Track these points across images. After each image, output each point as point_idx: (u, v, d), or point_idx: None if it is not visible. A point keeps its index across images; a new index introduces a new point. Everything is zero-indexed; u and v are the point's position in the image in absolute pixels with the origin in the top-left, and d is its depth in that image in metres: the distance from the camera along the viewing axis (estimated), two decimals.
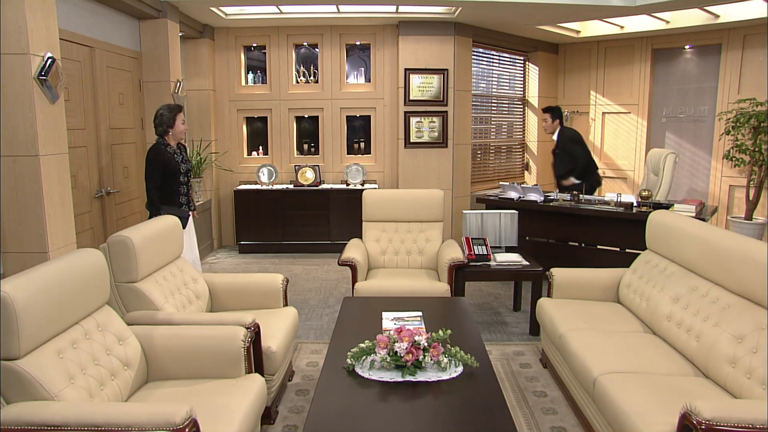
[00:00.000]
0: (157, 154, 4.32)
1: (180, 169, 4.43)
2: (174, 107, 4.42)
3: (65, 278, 2.30)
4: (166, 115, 4.36)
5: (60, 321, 2.25)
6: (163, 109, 4.39)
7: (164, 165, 4.30)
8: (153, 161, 4.31)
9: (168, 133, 4.38)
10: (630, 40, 7.95)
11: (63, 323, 2.28)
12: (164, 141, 4.38)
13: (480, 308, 5.08)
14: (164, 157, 4.31)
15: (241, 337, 2.66)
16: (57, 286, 2.24)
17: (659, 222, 3.63)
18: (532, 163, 8.73)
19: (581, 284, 3.86)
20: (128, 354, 2.54)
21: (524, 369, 3.82)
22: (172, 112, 4.38)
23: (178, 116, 4.39)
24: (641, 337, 3.15)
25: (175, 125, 4.38)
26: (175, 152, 4.44)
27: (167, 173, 4.33)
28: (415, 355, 2.52)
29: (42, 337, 2.15)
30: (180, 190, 4.49)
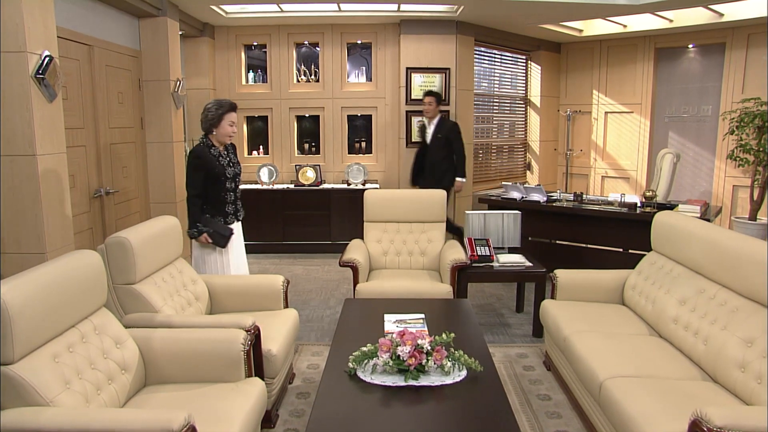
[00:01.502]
0: (198, 156, 3.77)
1: (226, 173, 3.87)
2: (225, 104, 3.84)
3: (61, 281, 2.25)
4: (212, 111, 3.82)
5: (56, 324, 2.21)
6: (212, 104, 3.85)
7: (207, 169, 3.77)
8: (194, 165, 3.77)
9: (212, 132, 3.84)
10: (633, 39, 7.90)
11: (59, 327, 2.23)
12: (208, 141, 3.85)
13: (482, 309, 5.04)
14: (206, 160, 3.77)
15: (241, 340, 2.61)
16: (53, 289, 2.19)
17: (665, 223, 3.58)
18: (534, 163, 8.68)
19: (585, 286, 3.81)
20: (126, 358, 2.49)
21: (528, 371, 3.77)
22: (220, 109, 3.81)
23: (226, 116, 3.81)
24: (647, 340, 3.10)
25: (220, 125, 3.81)
26: (221, 154, 3.89)
27: (211, 178, 3.79)
28: (418, 359, 2.47)
29: (37, 341, 2.10)
30: (226, 198, 3.93)
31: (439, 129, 6.12)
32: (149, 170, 5.75)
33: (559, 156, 8.88)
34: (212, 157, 3.81)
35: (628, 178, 8.30)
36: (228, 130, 3.85)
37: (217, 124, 3.81)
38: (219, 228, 3.86)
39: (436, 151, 6.14)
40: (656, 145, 8.01)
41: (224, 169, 3.86)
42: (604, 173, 8.54)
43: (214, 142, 3.86)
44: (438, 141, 6.11)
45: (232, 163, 3.97)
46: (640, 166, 8.16)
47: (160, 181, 5.77)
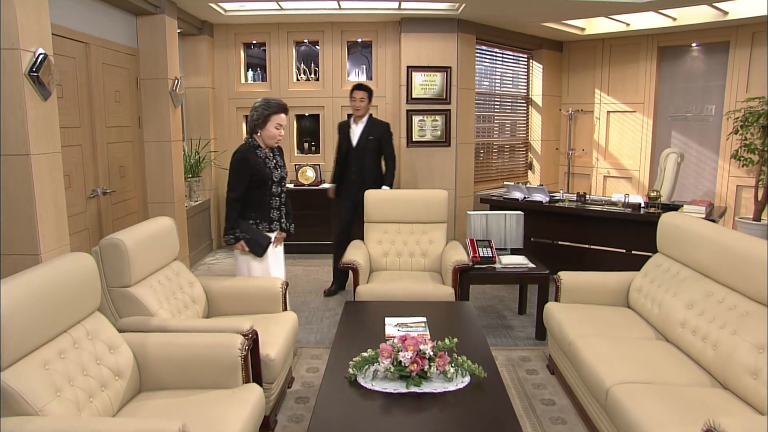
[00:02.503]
0: (242, 158, 3.51)
1: (272, 177, 3.62)
2: (273, 104, 3.55)
3: (53, 284, 2.19)
4: (258, 111, 3.54)
5: (47, 330, 2.14)
6: (260, 103, 3.58)
7: (252, 172, 3.53)
8: (236, 166, 3.53)
9: (257, 133, 3.59)
10: (636, 38, 7.82)
11: (50, 332, 2.16)
12: (254, 141, 3.60)
13: (484, 311, 4.97)
14: (251, 161, 3.52)
15: (238, 345, 2.55)
16: (44, 293, 2.12)
17: (671, 224, 3.52)
18: (535, 163, 8.61)
19: (590, 288, 3.74)
20: (119, 363, 2.42)
21: (531, 375, 3.70)
22: (267, 109, 3.53)
23: (273, 117, 3.54)
24: (654, 344, 3.03)
25: (266, 127, 3.54)
26: (267, 156, 3.63)
27: (256, 182, 3.55)
28: (420, 365, 2.41)
29: (27, 347, 2.03)
30: (272, 203, 3.71)
31: (369, 130, 5.22)
32: (147, 170, 5.68)
33: (560, 156, 8.81)
34: (258, 158, 3.55)
35: (630, 178, 8.23)
36: (274, 133, 3.57)
37: (262, 125, 3.54)
38: (257, 235, 3.63)
39: (365, 156, 5.22)
40: (659, 145, 7.94)
41: (270, 173, 3.61)
42: (606, 173, 8.46)
43: (260, 142, 3.61)
44: (368, 144, 5.21)
45: (278, 166, 3.72)
46: (642, 166, 8.09)
47: (158, 181, 5.70)
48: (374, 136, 5.21)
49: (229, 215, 3.58)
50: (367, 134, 5.18)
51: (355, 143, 5.23)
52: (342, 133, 5.41)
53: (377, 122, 5.34)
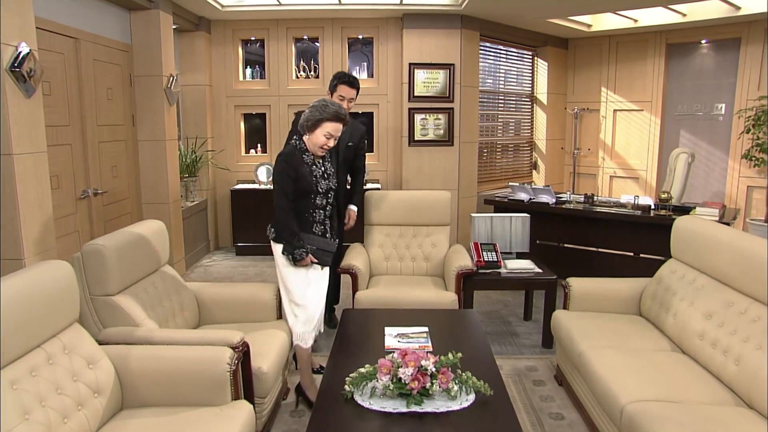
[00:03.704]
0: (285, 161, 3.06)
1: (317, 188, 3.13)
2: (331, 111, 3.02)
3: (25, 296, 2.02)
4: (312, 112, 3.04)
5: (16, 346, 1.97)
6: (317, 104, 3.07)
7: (295, 177, 3.06)
8: (280, 169, 3.07)
9: (305, 135, 3.11)
10: (643, 34, 7.63)
11: (20, 348, 2.00)
12: (301, 144, 3.12)
13: (488, 317, 4.79)
14: (295, 165, 3.07)
15: (227, 359, 2.38)
16: (14, 306, 1.96)
17: (686, 228, 3.34)
18: (540, 162, 8.43)
19: (600, 295, 3.57)
20: (99, 379, 2.26)
21: (538, 387, 3.53)
22: (323, 113, 3.01)
23: (326, 124, 3.02)
24: (670, 357, 2.85)
25: (314, 133, 3.05)
26: (315, 162, 3.15)
27: (299, 190, 3.09)
28: (421, 382, 2.24)
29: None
30: (314, 217, 3.17)
31: (349, 135, 4.07)
32: (141, 169, 5.53)
33: (566, 155, 8.63)
34: (304, 164, 3.09)
35: (637, 178, 8.04)
36: (321, 141, 3.05)
37: (311, 129, 3.05)
38: (320, 243, 3.17)
39: (341, 167, 4.07)
40: (667, 144, 7.75)
41: (316, 183, 3.11)
42: (612, 173, 8.28)
43: (308, 145, 3.12)
44: (347, 152, 4.11)
45: (327, 175, 3.21)
46: (650, 166, 7.90)
47: (152, 181, 5.54)
48: (353, 142, 4.14)
49: (286, 226, 3.08)
50: (347, 140, 4.05)
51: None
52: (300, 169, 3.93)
53: (356, 125, 4.21)
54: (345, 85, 3.95)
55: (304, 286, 3.14)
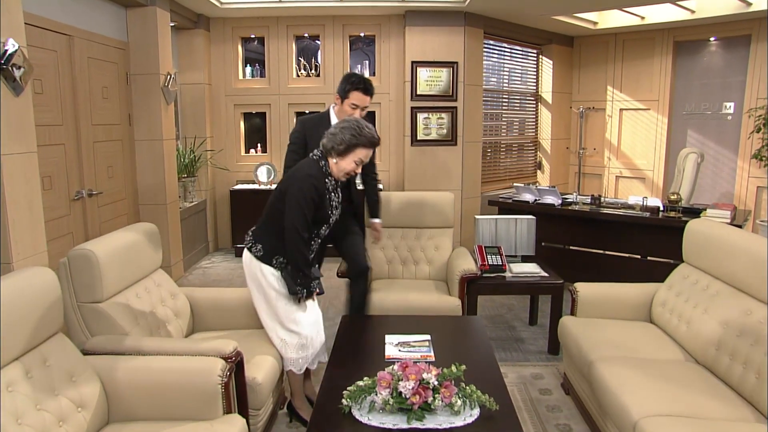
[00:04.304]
0: (316, 186, 2.75)
1: (330, 219, 2.92)
2: (366, 135, 2.78)
3: (3, 306, 1.90)
4: (345, 135, 2.75)
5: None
6: (351, 126, 2.78)
7: (318, 205, 2.79)
8: (308, 195, 2.72)
9: (332, 157, 2.82)
10: (650, 32, 7.49)
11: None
12: (326, 166, 2.83)
13: (492, 321, 4.67)
14: (321, 194, 2.79)
15: (218, 371, 2.26)
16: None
17: (699, 232, 3.21)
18: (545, 162, 8.30)
19: (609, 301, 3.43)
20: (83, 393, 2.14)
21: (544, 396, 3.40)
22: (357, 138, 2.75)
23: (359, 150, 2.77)
24: (684, 368, 2.72)
25: (345, 158, 2.78)
26: (334, 189, 2.91)
27: (314, 216, 2.80)
28: (423, 396, 2.11)
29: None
30: (312, 246, 2.93)
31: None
32: (138, 170, 5.42)
33: (571, 155, 8.49)
34: (327, 191, 2.84)
35: (644, 179, 7.90)
36: (350, 168, 2.80)
37: (343, 154, 2.77)
38: (316, 272, 2.97)
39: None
40: (674, 144, 7.61)
41: (330, 214, 2.90)
42: (618, 173, 8.14)
43: (333, 169, 2.86)
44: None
45: (338, 205, 2.98)
46: (656, 166, 7.76)
47: (149, 182, 5.43)
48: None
49: (304, 259, 2.78)
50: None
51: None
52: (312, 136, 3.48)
53: None
54: (359, 91, 3.44)
55: (295, 310, 2.89)
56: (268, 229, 2.87)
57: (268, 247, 2.85)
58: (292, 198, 2.72)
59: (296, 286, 2.82)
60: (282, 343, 2.90)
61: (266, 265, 2.85)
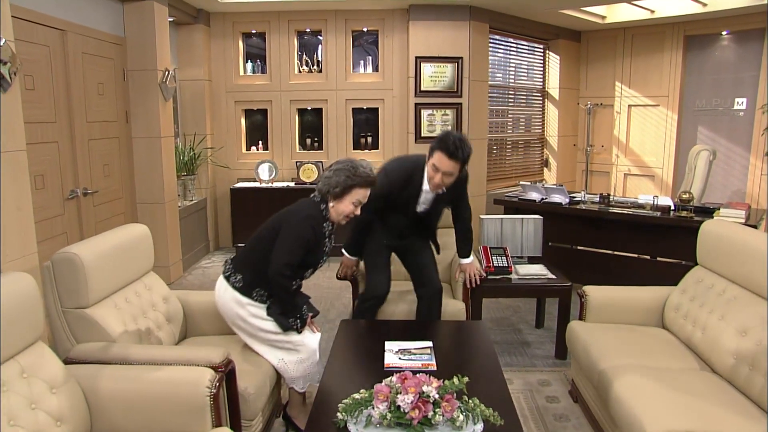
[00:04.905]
0: (314, 228, 2.66)
1: (319, 264, 2.83)
2: (362, 175, 2.67)
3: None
4: (340, 177, 2.66)
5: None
6: (346, 166, 2.68)
7: (312, 249, 2.69)
8: (303, 236, 2.62)
9: (328, 201, 2.72)
10: (660, 26, 7.32)
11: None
12: (326, 210, 2.73)
13: (498, 324, 4.53)
14: (317, 238, 2.69)
15: (206, 382, 2.13)
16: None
17: (714, 233, 3.06)
18: (551, 160, 8.14)
19: (619, 305, 3.29)
20: (62, 405, 2.02)
21: (552, 404, 3.27)
22: (353, 179, 2.66)
23: (356, 191, 2.68)
24: (700, 378, 2.58)
25: (342, 200, 2.69)
26: (330, 234, 2.83)
27: (304, 259, 2.68)
28: (422, 410, 1.98)
29: None
30: (296, 284, 2.81)
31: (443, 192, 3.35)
32: (135, 168, 5.31)
33: (578, 152, 8.33)
34: (323, 236, 2.74)
35: (653, 176, 7.74)
36: (348, 210, 2.71)
37: (339, 196, 2.68)
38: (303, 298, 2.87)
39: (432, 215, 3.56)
40: (684, 141, 7.44)
41: (321, 259, 2.80)
42: (626, 171, 7.98)
43: (331, 214, 2.75)
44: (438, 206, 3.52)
45: (327, 252, 2.85)
46: (666, 164, 7.60)
47: (147, 180, 5.33)
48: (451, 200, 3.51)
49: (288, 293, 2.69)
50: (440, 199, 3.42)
51: (422, 209, 3.45)
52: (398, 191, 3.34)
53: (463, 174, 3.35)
54: (443, 153, 3.04)
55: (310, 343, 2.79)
56: (252, 261, 2.73)
57: (250, 278, 2.71)
58: (288, 236, 2.62)
59: (288, 321, 2.70)
60: (281, 363, 2.76)
61: (244, 297, 2.72)
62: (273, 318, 2.70)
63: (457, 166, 3.08)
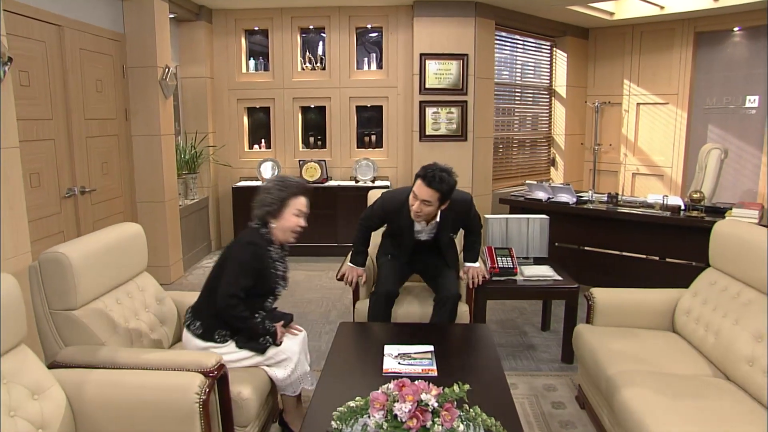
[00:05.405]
0: (255, 253, 2.59)
1: (276, 291, 2.74)
2: (292, 185, 2.66)
3: None
4: (272, 194, 2.62)
5: None
6: (273, 184, 2.66)
7: (259, 275, 2.61)
8: (246, 262, 2.57)
9: (269, 223, 2.65)
10: (670, 23, 7.18)
11: None
12: (268, 234, 2.66)
13: (502, 326, 4.43)
14: (263, 264, 2.62)
15: (195, 388, 2.05)
16: None
17: (728, 234, 2.95)
18: (558, 159, 8.02)
19: (628, 308, 3.18)
20: (45, 411, 1.94)
21: (557, 410, 3.16)
22: (285, 191, 2.62)
23: (292, 201, 2.63)
24: (714, 385, 2.46)
25: (282, 215, 2.62)
26: (279, 259, 2.73)
27: (254, 290, 2.60)
28: (420, 420, 1.88)
29: None
30: (259, 315, 2.66)
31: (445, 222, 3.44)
32: (135, 166, 5.23)
33: (586, 151, 8.20)
34: (270, 260, 2.65)
35: (661, 176, 7.60)
36: (293, 223, 2.64)
37: (277, 212, 2.61)
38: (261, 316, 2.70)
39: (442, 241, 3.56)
40: (694, 140, 7.30)
41: (276, 285, 2.70)
42: (635, 170, 7.84)
43: (274, 236, 2.67)
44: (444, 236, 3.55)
45: (284, 276, 2.77)
46: (675, 163, 7.46)
47: (147, 179, 5.26)
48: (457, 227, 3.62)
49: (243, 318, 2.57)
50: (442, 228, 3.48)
51: (426, 238, 3.51)
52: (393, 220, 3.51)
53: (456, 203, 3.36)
54: (422, 182, 3.08)
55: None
56: (207, 305, 2.65)
57: (208, 322, 2.62)
58: (230, 266, 2.57)
59: (260, 342, 2.63)
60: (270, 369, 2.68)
61: (207, 342, 2.61)
62: (245, 348, 2.63)
63: (434, 195, 3.09)
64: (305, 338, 2.87)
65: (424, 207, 3.14)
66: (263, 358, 2.64)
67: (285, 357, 2.68)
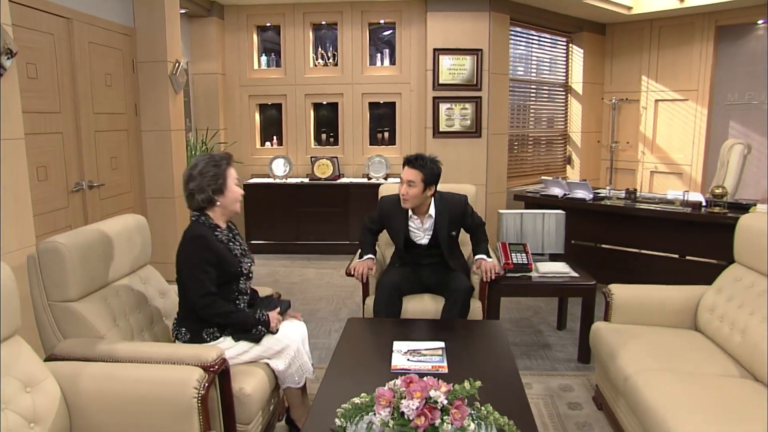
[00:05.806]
0: (202, 244, 2.48)
1: (242, 269, 2.61)
2: (220, 157, 2.60)
3: None
4: (209, 172, 2.52)
5: None
6: (202, 161, 2.56)
7: (218, 262, 2.50)
8: (197, 257, 2.48)
9: (215, 204, 2.58)
10: (690, 17, 7.01)
11: None
12: (208, 220, 2.58)
13: (517, 325, 4.31)
14: (217, 250, 2.50)
15: (194, 383, 1.97)
16: None
17: (755, 227, 2.81)
18: (575, 157, 7.87)
19: (647, 305, 3.06)
20: (38, 405, 1.87)
21: (574, 411, 3.04)
22: (219, 164, 2.56)
23: (229, 171, 2.58)
24: (739, 385, 2.34)
25: (228, 187, 2.56)
26: (231, 239, 2.66)
27: (221, 277, 2.52)
28: (429, 418, 1.78)
29: None
30: (237, 304, 2.61)
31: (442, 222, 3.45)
32: (145, 162, 5.19)
33: (602, 149, 8.04)
34: (220, 242, 2.55)
35: (681, 174, 7.42)
36: (237, 192, 2.62)
37: (222, 188, 2.54)
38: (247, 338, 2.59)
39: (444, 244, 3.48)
40: (714, 137, 7.12)
41: (239, 263, 2.60)
42: (653, 168, 7.67)
43: (216, 219, 2.60)
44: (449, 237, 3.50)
45: (245, 252, 2.71)
46: (695, 161, 7.27)
47: (157, 174, 5.20)
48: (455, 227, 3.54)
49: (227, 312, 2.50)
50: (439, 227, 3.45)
51: (426, 242, 3.48)
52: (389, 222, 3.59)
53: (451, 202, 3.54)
54: (406, 165, 3.41)
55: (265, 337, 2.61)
56: (186, 310, 2.58)
57: (193, 327, 2.55)
58: (184, 269, 2.51)
59: (253, 333, 2.54)
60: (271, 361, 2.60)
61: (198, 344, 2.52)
62: (241, 339, 2.55)
63: (417, 174, 3.35)
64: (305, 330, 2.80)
65: (409, 189, 3.34)
66: (262, 348, 2.56)
67: (284, 345, 2.59)
